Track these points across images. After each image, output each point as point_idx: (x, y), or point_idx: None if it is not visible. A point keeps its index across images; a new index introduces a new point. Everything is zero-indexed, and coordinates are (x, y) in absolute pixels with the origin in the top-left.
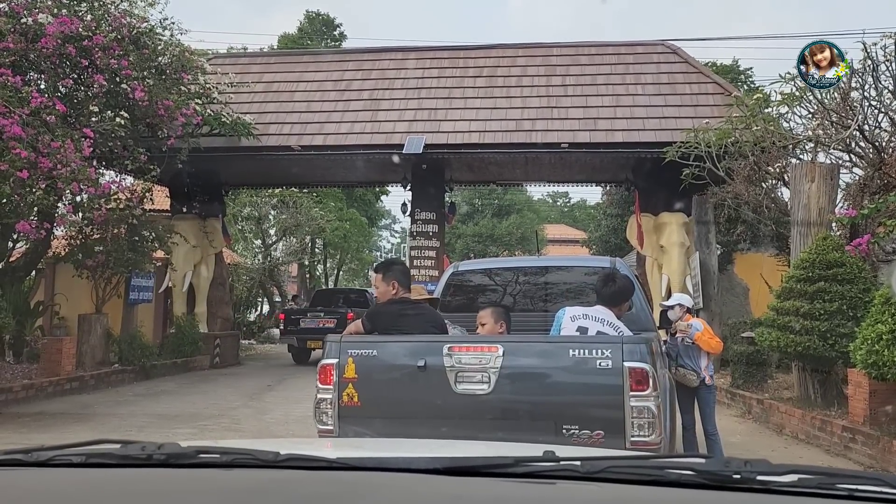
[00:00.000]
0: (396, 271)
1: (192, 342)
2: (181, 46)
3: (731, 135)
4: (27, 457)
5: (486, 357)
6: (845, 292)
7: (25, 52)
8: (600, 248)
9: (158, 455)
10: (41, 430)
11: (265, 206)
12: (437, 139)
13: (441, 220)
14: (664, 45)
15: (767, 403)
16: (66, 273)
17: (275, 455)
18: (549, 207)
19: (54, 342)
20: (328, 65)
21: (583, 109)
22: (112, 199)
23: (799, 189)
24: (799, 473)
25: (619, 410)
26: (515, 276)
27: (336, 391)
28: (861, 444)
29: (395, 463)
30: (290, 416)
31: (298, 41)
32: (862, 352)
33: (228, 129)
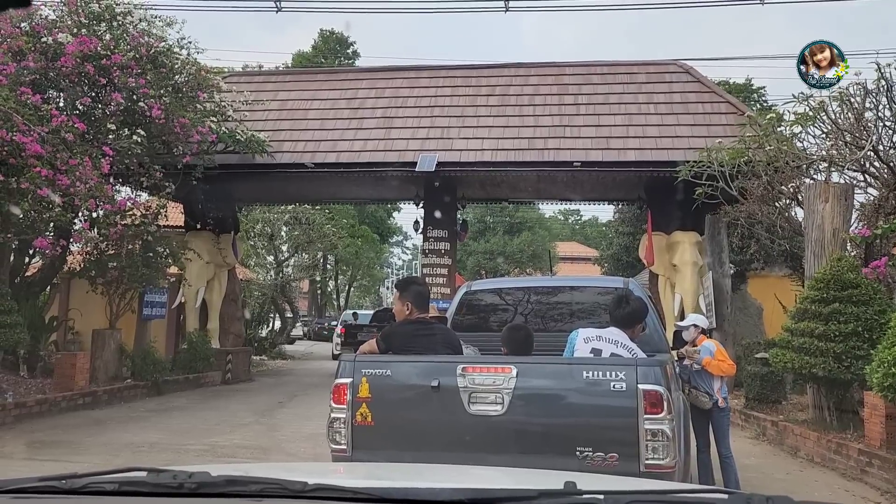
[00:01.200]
0: (412, 292)
1: (205, 358)
2: (197, 65)
3: (745, 154)
4: (61, 484)
5: (500, 378)
6: (861, 314)
7: (45, 71)
8: (612, 266)
9: (189, 484)
10: (55, 447)
11: (278, 222)
12: (449, 157)
13: (453, 238)
14: (676, 64)
15: (782, 425)
16: (80, 288)
17: (303, 485)
18: (561, 225)
19: (68, 357)
20: (342, 83)
21: (595, 128)
22: (127, 215)
23: (813, 209)
24: None
25: (634, 433)
26: (528, 296)
27: (350, 410)
28: (878, 468)
29: (419, 494)
30: (301, 434)
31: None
32: (878, 374)
33: (243, 146)
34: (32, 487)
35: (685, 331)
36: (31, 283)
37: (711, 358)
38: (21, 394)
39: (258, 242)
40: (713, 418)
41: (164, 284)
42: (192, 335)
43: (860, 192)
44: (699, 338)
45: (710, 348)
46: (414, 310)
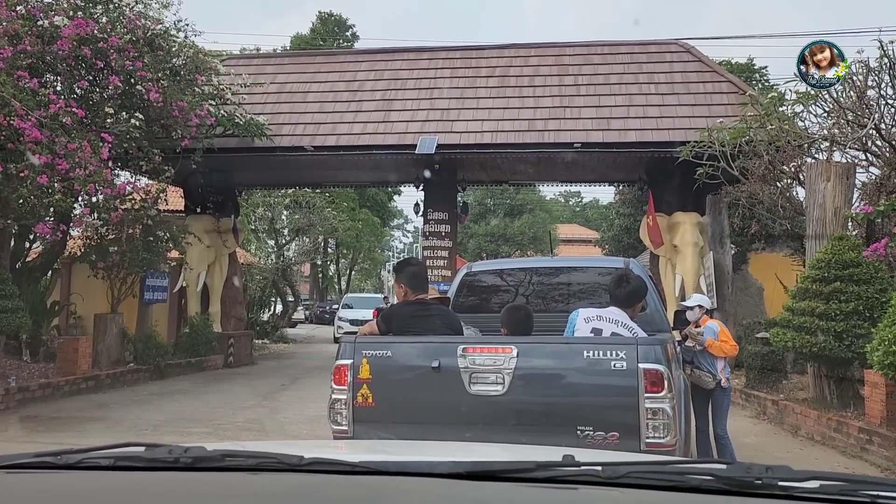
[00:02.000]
0: (407, 274)
1: (207, 342)
2: (195, 48)
3: (746, 134)
4: (56, 459)
5: (501, 358)
6: (861, 293)
7: (42, 55)
8: (613, 247)
9: (185, 458)
10: (58, 430)
11: (278, 206)
12: (449, 139)
13: (453, 220)
14: (677, 43)
15: (782, 404)
16: (81, 273)
17: (299, 459)
18: (562, 207)
19: (70, 342)
20: (341, 65)
21: (596, 109)
22: (127, 199)
23: (814, 188)
24: (821, 480)
25: (634, 412)
26: (529, 277)
27: (350, 392)
28: (878, 445)
29: (417, 467)
30: (303, 416)
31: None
32: (879, 353)
33: (242, 129)
34: (28, 463)
35: (690, 311)
36: (32, 269)
37: (714, 339)
38: (24, 378)
39: (259, 226)
40: (714, 398)
41: (165, 269)
42: (193, 319)
43: (862, 172)
44: (703, 318)
45: (713, 328)
46: (409, 291)
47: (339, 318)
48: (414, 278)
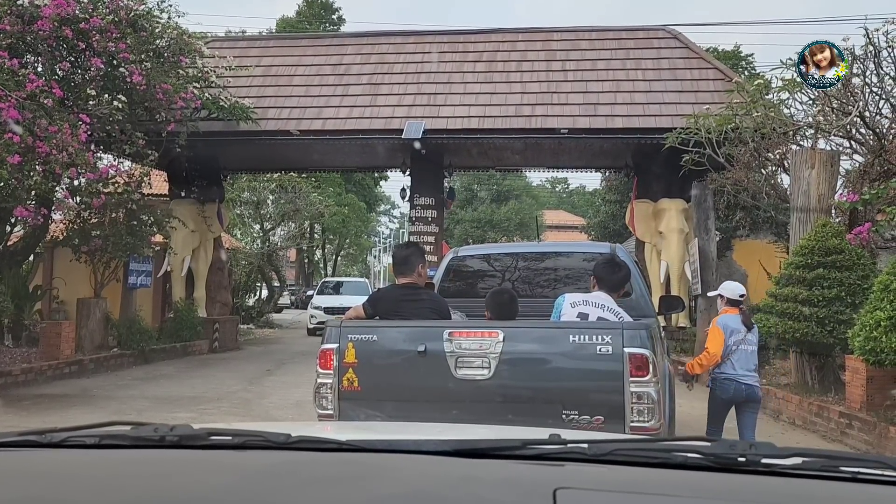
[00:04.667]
0: (394, 258)
1: (191, 327)
2: (179, 29)
3: (732, 121)
4: (41, 438)
5: (487, 342)
6: (844, 279)
7: (22, 35)
8: (599, 234)
9: (171, 436)
10: (42, 414)
11: (264, 190)
12: (436, 124)
13: (440, 206)
14: (665, 30)
15: (765, 389)
16: (64, 257)
17: (286, 437)
18: (548, 193)
19: (53, 326)
20: (327, 49)
21: (583, 95)
22: (110, 183)
23: (799, 175)
24: (803, 456)
25: (619, 396)
26: (515, 262)
27: (336, 376)
28: (858, 429)
29: (404, 445)
30: (289, 401)
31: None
32: (860, 338)
33: (227, 113)
34: (12, 441)
35: (718, 299)
36: (13, 252)
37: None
38: (6, 363)
39: (244, 211)
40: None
41: (149, 253)
42: (178, 304)
43: (846, 159)
44: (722, 309)
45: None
46: (398, 275)
47: (312, 305)
48: (400, 263)
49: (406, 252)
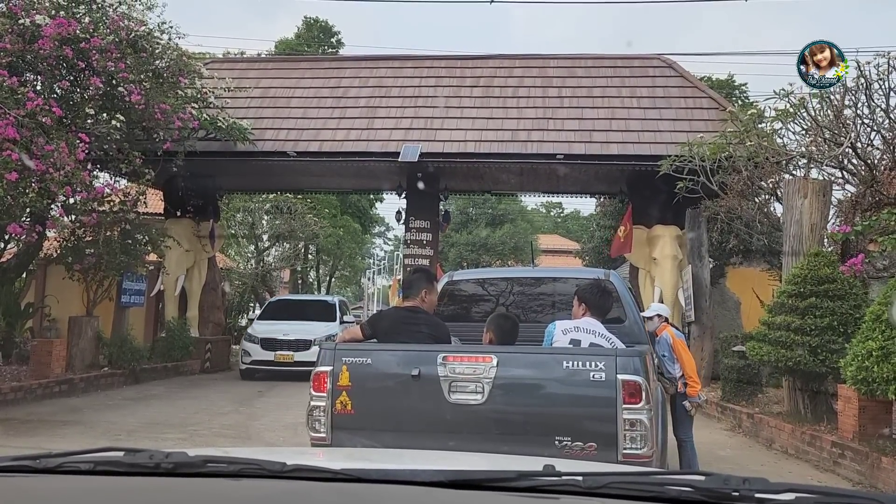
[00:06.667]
0: (402, 281)
1: (183, 346)
2: (179, 50)
3: (725, 149)
4: (35, 463)
5: (481, 367)
6: (836, 308)
7: (22, 54)
8: (593, 259)
9: (166, 464)
10: (31, 434)
11: (258, 211)
12: (432, 147)
13: (435, 229)
14: (660, 58)
15: (757, 417)
16: (57, 274)
17: (281, 465)
18: (543, 218)
19: (44, 344)
20: (325, 71)
21: (578, 121)
22: (105, 201)
23: (792, 204)
24: (796, 492)
25: (612, 423)
26: (510, 287)
27: (329, 399)
28: (850, 459)
29: (399, 475)
30: (281, 423)
31: (296, 47)
32: (852, 368)
33: (224, 133)
34: (6, 466)
35: (649, 321)
36: (6, 269)
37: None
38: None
39: (239, 231)
40: (676, 404)
41: (142, 272)
42: (170, 323)
43: (838, 189)
44: (660, 327)
45: (667, 340)
46: (403, 298)
47: (247, 336)
48: (406, 286)
49: (413, 276)
